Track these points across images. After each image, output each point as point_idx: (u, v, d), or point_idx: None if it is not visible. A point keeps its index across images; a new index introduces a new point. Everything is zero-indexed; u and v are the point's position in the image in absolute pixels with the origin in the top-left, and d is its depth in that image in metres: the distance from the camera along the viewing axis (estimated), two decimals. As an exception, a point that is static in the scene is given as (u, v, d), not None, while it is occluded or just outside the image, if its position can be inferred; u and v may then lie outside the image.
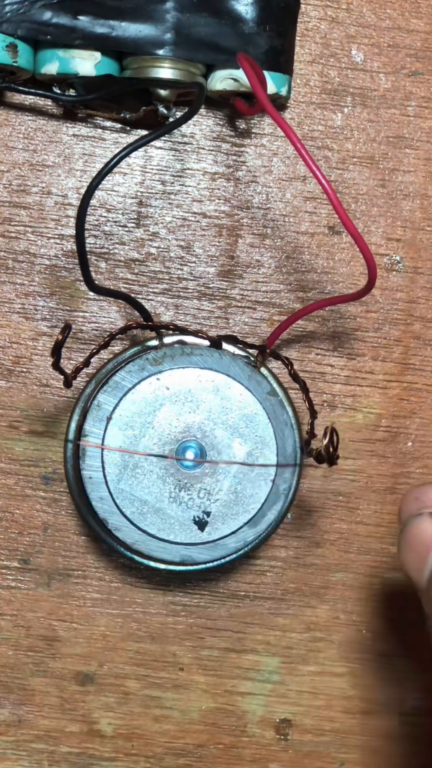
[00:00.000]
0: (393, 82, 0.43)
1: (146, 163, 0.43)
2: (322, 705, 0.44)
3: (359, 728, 0.44)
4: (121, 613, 0.43)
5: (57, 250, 0.42)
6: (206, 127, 0.43)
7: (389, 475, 0.44)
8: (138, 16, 0.39)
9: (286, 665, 0.44)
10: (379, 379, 0.43)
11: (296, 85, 0.43)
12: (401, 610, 0.44)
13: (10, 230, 0.42)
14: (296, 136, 0.35)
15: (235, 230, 0.43)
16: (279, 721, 0.44)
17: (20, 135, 0.42)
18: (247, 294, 0.43)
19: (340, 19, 0.43)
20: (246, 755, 0.44)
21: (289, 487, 0.40)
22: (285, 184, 0.43)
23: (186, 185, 0.43)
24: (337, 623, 0.44)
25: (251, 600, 0.44)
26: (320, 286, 0.43)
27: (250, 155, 0.43)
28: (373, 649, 0.44)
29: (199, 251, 0.43)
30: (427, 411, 0.44)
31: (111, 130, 0.43)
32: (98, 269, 0.43)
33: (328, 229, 0.43)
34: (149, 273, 0.43)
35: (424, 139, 0.43)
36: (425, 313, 0.43)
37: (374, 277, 0.37)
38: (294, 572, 0.44)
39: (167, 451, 0.39)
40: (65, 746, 0.44)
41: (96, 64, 0.39)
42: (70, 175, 0.42)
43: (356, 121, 0.43)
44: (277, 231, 0.43)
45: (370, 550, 0.44)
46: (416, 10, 0.43)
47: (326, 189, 0.35)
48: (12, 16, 0.39)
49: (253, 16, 0.40)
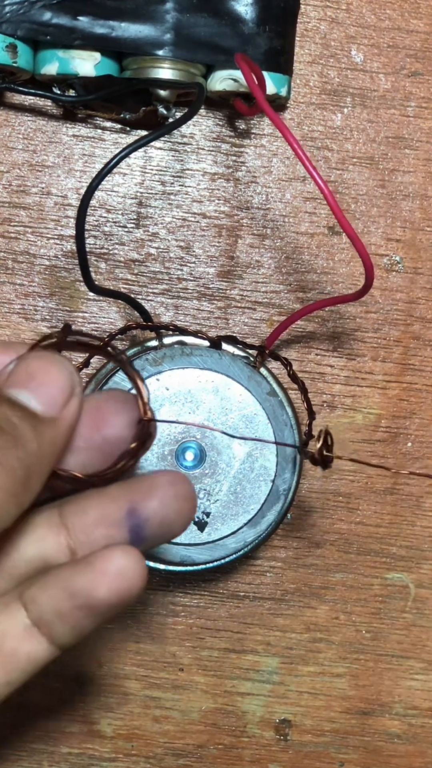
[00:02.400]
0: (393, 82, 0.43)
1: (146, 163, 0.43)
2: (322, 705, 0.44)
3: (359, 728, 0.44)
4: (121, 613, 0.43)
5: (57, 251, 0.42)
6: (206, 127, 0.43)
7: (389, 475, 0.44)
8: (138, 17, 0.39)
9: (286, 665, 0.44)
10: (378, 379, 0.43)
11: (296, 86, 0.43)
12: (401, 610, 0.44)
13: (9, 231, 0.42)
14: (293, 137, 0.35)
15: (234, 231, 0.43)
16: (279, 722, 0.44)
17: (20, 135, 0.42)
18: (247, 294, 0.43)
19: (340, 19, 0.43)
20: (246, 755, 0.44)
21: (288, 487, 0.40)
22: (285, 184, 0.43)
23: (186, 186, 0.43)
24: (337, 623, 0.44)
25: (251, 600, 0.44)
26: (320, 287, 0.43)
27: (249, 156, 0.43)
28: (373, 649, 0.44)
29: (198, 252, 0.43)
30: (426, 411, 0.43)
31: (111, 130, 0.43)
32: (98, 270, 0.43)
33: (327, 230, 0.43)
34: (149, 273, 0.43)
35: (423, 140, 0.43)
36: (425, 314, 0.43)
37: (371, 278, 0.37)
38: (294, 572, 0.44)
39: (167, 452, 0.39)
40: (65, 746, 0.44)
41: (96, 64, 0.39)
42: (69, 176, 0.42)
43: (356, 122, 0.43)
44: (277, 231, 0.43)
45: (370, 550, 0.44)
46: (416, 11, 0.43)
47: (323, 190, 0.35)
48: (12, 16, 0.39)
49: (253, 17, 0.40)
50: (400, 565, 0.44)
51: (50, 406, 0.29)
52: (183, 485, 0.30)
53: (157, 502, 0.30)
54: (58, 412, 0.29)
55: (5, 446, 0.27)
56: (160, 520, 0.30)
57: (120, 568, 0.28)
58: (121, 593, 0.28)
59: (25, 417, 0.28)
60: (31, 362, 0.29)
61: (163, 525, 0.30)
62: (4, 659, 0.29)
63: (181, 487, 0.30)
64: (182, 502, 0.30)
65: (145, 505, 0.30)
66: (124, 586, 0.28)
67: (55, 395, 0.29)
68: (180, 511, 0.30)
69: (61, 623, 0.29)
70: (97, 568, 0.28)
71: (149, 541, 0.30)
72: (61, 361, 0.29)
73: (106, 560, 0.28)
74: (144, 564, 0.29)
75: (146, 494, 0.30)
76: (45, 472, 0.29)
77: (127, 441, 0.31)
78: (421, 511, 0.44)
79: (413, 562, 0.44)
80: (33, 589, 0.29)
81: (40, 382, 0.29)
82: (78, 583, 0.28)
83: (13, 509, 0.27)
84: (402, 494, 0.44)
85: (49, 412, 0.29)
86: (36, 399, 0.29)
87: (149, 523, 0.30)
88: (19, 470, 0.27)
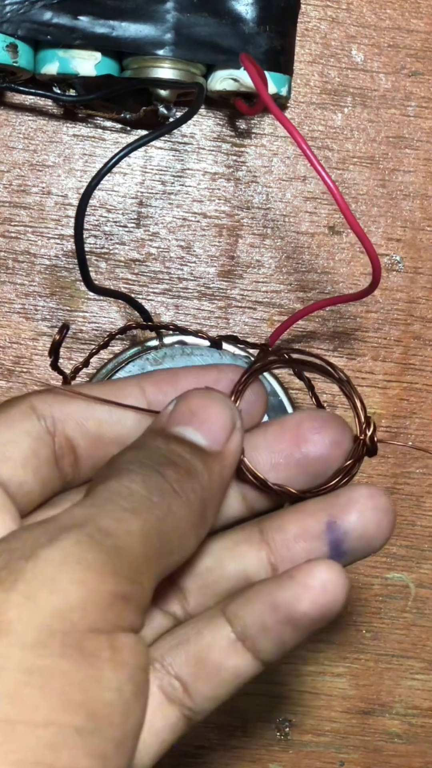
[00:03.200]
0: (393, 82, 0.43)
1: (146, 163, 0.43)
2: (323, 705, 0.44)
3: (359, 728, 0.44)
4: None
5: (57, 250, 0.42)
6: (206, 127, 0.43)
7: (389, 475, 0.44)
8: (138, 16, 0.39)
9: (286, 665, 0.44)
10: (379, 379, 0.43)
11: (296, 85, 0.43)
12: (401, 609, 0.44)
13: (10, 230, 0.42)
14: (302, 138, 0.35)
15: (235, 230, 0.43)
16: (279, 721, 0.44)
17: (20, 135, 0.42)
18: (248, 294, 0.43)
19: (340, 19, 0.43)
20: (246, 755, 0.44)
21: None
22: (285, 184, 0.43)
23: (186, 185, 0.43)
24: (337, 623, 0.44)
25: (251, 600, 0.44)
26: (320, 286, 0.43)
27: (250, 155, 0.43)
28: (374, 649, 0.44)
29: (199, 251, 0.43)
30: (427, 411, 0.43)
31: (111, 130, 0.43)
32: (98, 269, 0.43)
33: (328, 229, 0.43)
34: (149, 273, 0.43)
35: (424, 139, 0.43)
36: (425, 313, 0.43)
37: (378, 275, 0.37)
38: (294, 572, 0.44)
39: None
40: (65, 746, 0.44)
41: (96, 64, 0.39)
42: (70, 175, 0.43)
43: (356, 121, 0.43)
44: (277, 231, 0.43)
45: (370, 550, 0.44)
46: (416, 10, 0.43)
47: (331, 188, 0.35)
48: (12, 16, 0.39)
49: (253, 16, 0.40)
50: (400, 564, 0.44)
51: (215, 441, 0.29)
52: (381, 498, 0.30)
53: (356, 515, 0.30)
54: (222, 446, 0.30)
55: (182, 479, 0.28)
56: (360, 533, 0.30)
57: (323, 582, 0.28)
58: (324, 607, 0.28)
59: (194, 452, 0.29)
60: (191, 400, 0.30)
61: (362, 538, 0.30)
62: (210, 672, 0.29)
63: (379, 500, 0.30)
64: (381, 515, 0.30)
65: (344, 519, 0.30)
66: (327, 600, 0.28)
67: (218, 430, 0.30)
68: (379, 524, 0.30)
69: (264, 637, 0.29)
70: (300, 581, 0.29)
71: (349, 555, 0.31)
72: (221, 398, 0.30)
73: (308, 574, 0.29)
74: (345, 578, 0.29)
75: (344, 508, 0.30)
76: (217, 504, 0.30)
77: (331, 459, 0.31)
78: (422, 510, 0.44)
79: (413, 562, 0.44)
80: (236, 604, 0.29)
81: (203, 419, 0.30)
82: (281, 597, 0.29)
83: (194, 540, 0.28)
84: (402, 494, 0.44)
85: (214, 447, 0.29)
86: (201, 435, 0.29)
87: (348, 537, 0.30)
88: (196, 502, 0.28)
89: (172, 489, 0.28)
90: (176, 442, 0.29)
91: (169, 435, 0.29)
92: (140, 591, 0.26)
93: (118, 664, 0.25)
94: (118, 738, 0.24)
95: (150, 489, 0.27)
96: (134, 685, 0.25)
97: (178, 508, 0.27)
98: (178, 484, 0.28)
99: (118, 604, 0.25)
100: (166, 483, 0.28)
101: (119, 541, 0.26)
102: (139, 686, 0.25)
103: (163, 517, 0.27)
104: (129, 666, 0.25)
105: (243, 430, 0.30)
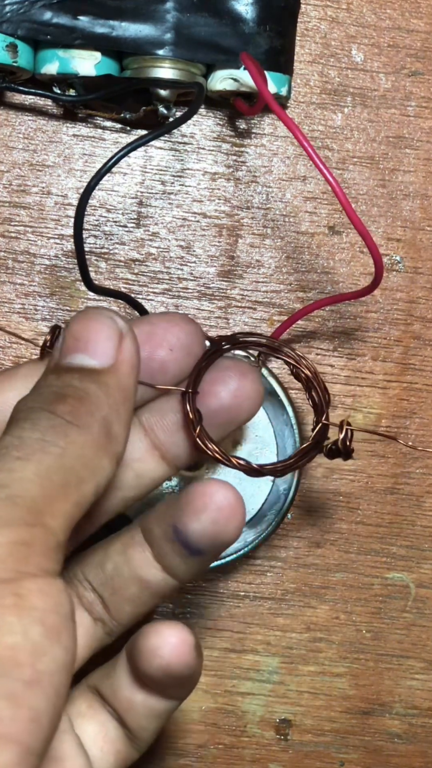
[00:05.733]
0: (393, 82, 0.43)
1: (146, 163, 0.43)
2: (322, 705, 0.44)
3: (359, 728, 0.44)
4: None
5: (57, 250, 0.42)
6: (206, 127, 0.43)
7: (389, 475, 0.44)
8: (138, 16, 0.39)
9: (286, 665, 0.44)
10: (379, 379, 0.43)
11: (296, 85, 0.43)
12: (401, 609, 0.44)
13: (10, 230, 0.42)
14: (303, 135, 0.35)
15: (235, 230, 0.43)
16: (279, 721, 0.44)
17: (20, 135, 0.42)
18: (247, 294, 0.43)
19: (340, 19, 0.43)
20: (246, 755, 0.44)
21: (289, 487, 0.40)
22: (285, 184, 0.43)
23: (186, 185, 0.43)
24: (337, 623, 0.44)
25: (251, 600, 0.44)
26: (320, 286, 0.43)
27: (250, 155, 0.43)
28: (374, 649, 0.44)
29: (199, 251, 0.43)
30: (427, 411, 0.43)
31: (111, 130, 0.43)
32: (98, 269, 0.43)
33: (328, 229, 0.43)
34: (149, 273, 0.43)
35: (424, 139, 0.43)
36: (425, 313, 0.43)
37: (381, 272, 0.37)
38: (294, 572, 0.44)
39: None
40: (65, 746, 0.44)
41: (96, 64, 0.39)
42: (70, 175, 0.42)
43: (356, 121, 0.43)
44: (277, 231, 0.43)
45: (370, 550, 0.44)
46: (416, 10, 0.43)
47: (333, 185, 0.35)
48: (12, 16, 0.39)
49: (253, 16, 0.40)
50: (400, 564, 0.44)
51: (103, 357, 0.30)
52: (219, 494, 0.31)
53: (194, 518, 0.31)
54: (113, 358, 0.30)
55: (74, 409, 0.28)
56: (201, 533, 0.31)
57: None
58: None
59: (83, 376, 0.29)
60: (72, 327, 0.30)
61: (208, 536, 0.31)
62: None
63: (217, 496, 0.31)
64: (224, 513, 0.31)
65: (184, 523, 0.31)
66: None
67: (103, 346, 0.30)
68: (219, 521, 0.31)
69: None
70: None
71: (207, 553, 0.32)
72: (100, 313, 0.30)
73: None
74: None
75: (184, 512, 0.31)
76: (125, 417, 0.30)
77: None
78: (422, 510, 0.44)
79: (413, 562, 0.44)
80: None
81: (87, 340, 0.30)
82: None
83: (106, 460, 0.28)
84: (402, 494, 0.44)
85: (105, 363, 0.30)
86: (89, 357, 0.30)
87: (194, 538, 0.31)
88: (95, 425, 0.28)
89: (66, 421, 0.28)
90: (67, 372, 0.29)
91: (60, 368, 0.30)
92: (42, 532, 0.26)
93: (23, 608, 0.25)
94: (27, 677, 0.24)
95: (41, 430, 0.28)
96: (44, 626, 0.25)
97: (77, 437, 0.28)
98: (71, 415, 0.28)
99: (18, 552, 0.25)
100: (57, 418, 0.28)
101: (12, 491, 0.26)
102: (54, 627, 0.25)
103: (62, 452, 0.27)
104: (37, 609, 0.25)
105: (134, 336, 0.30)
